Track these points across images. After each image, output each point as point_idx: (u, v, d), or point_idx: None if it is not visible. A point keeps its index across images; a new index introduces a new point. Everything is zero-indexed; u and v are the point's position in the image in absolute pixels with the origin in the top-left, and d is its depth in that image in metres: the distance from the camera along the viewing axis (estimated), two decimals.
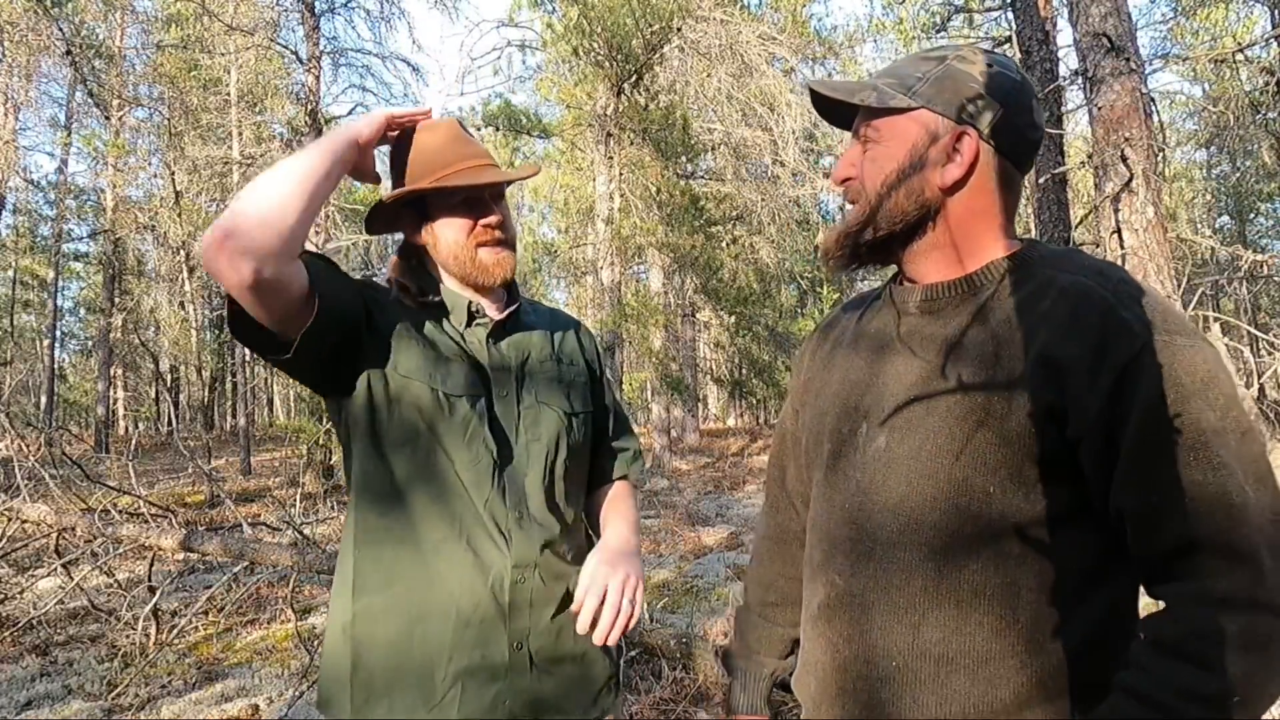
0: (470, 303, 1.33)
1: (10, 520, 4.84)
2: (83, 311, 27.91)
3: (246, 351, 23.39)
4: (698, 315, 17.76)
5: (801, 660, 1.08)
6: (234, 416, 26.62)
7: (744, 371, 15.50)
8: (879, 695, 0.93)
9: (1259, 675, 0.76)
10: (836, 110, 1.04)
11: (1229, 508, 0.78)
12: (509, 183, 1.34)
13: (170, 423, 20.51)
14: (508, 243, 1.33)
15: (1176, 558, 0.81)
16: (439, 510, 1.23)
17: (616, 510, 1.45)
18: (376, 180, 1.34)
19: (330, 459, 10.49)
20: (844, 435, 1.02)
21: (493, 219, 1.30)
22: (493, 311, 1.35)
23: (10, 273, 23.73)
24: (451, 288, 1.35)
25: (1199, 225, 24.38)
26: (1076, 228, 5.10)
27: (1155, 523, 0.82)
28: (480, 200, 1.30)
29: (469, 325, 1.33)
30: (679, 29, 11.52)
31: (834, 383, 1.07)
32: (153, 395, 25.82)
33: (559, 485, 1.33)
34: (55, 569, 4.82)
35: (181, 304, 19.20)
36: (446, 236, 1.30)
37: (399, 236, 1.40)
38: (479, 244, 1.30)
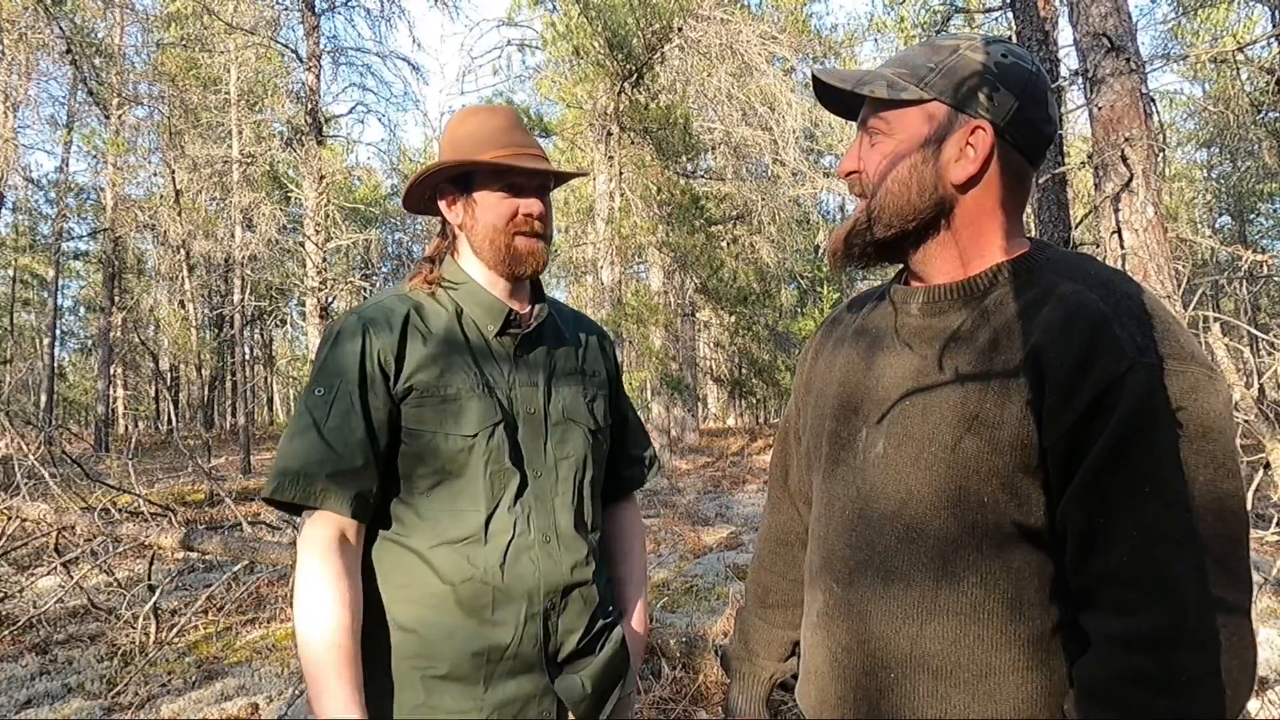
0: (510, 311, 1.30)
1: (10, 519, 4.84)
2: (82, 310, 27.96)
3: (246, 350, 23.40)
4: (698, 315, 17.76)
5: (802, 668, 1.06)
6: (234, 415, 26.64)
7: (744, 371, 15.51)
8: (878, 707, 0.91)
9: (1188, 712, 0.75)
10: (840, 99, 0.99)
11: (1171, 544, 0.76)
12: (561, 177, 1.32)
13: (170, 421, 20.52)
14: (545, 236, 1.31)
15: (1104, 585, 0.79)
16: (465, 544, 1.20)
17: (634, 575, 1.50)
18: None
19: None
20: (843, 439, 1.00)
21: (535, 208, 1.28)
22: (523, 315, 1.32)
23: (10, 271, 23.75)
24: (483, 282, 1.31)
25: (1199, 225, 24.39)
26: (1076, 228, 5.10)
27: (1094, 545, 0.80)
28: (527, 188, 1.28)
29: (500, 333, 1.29)
30: (679, 28, 11.51)
31: (834, 383, 1.05)
32: (152, 394, 25.82)
33: (586, 504, 1.31)
34: (55, 567, 4.82)
35: (181, 302, 19.22)
36: (486, 218, 1.27)
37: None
38: (517, 232, 1.28)
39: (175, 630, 4.39)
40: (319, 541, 1.15)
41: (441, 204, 1.33)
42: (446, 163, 1.27)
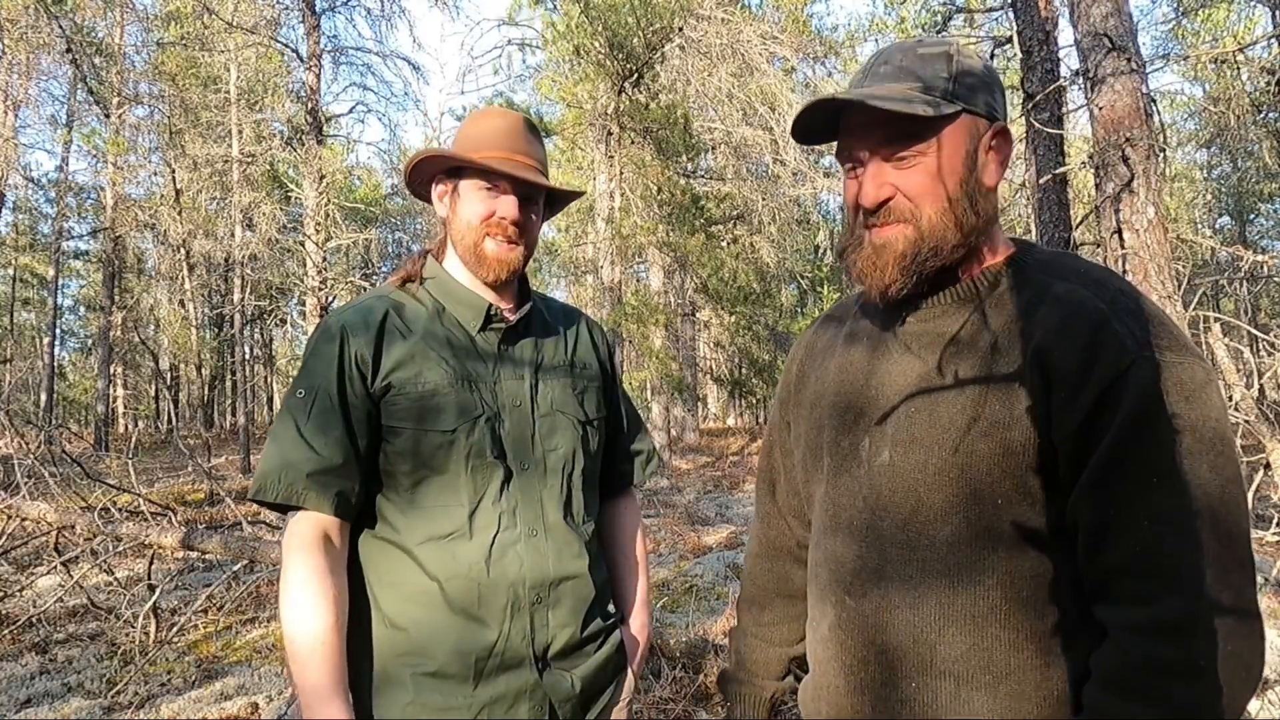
0: (490, 306, 1.30)
1: (10, 518, 4.84)
2: (82, 309, 27.94)
3: (246, 349, 23.38)
4: (698, 314, 17.76)
5: (814, 684, 1.04)
6: (234, 414, 26.64)
7: (744, 371, 15.49)
8: (899, 717, 0.91)
9: (1206, 700, 0.76)
10: (815, 128, 0.98)
11: (1182, 533, 0.77)
12: (543, 189, 1.31)
13: (170, 421, 20.51)
14: (520, 243, 1.30)
15: (1119, 577, 0.80)
16: (450, 539, 1.20)
17: (632, 572, 1.49)
18: None
19: None
20: (844, 448, 0.99)
21: (510, 214, 1.26)
22: (508, 312, 1.33)
23: (10, 270, 23.74)
24: (464, 281, 1.32)
25: (1199, 225, 24.39)
26: (1077, 228, 5.10)
27: (1106, 538, 0.81)
28: (506, 192, 1.28)
29: (483, 329, 1.30)
30: (680, 28, 11.51)
31: (829, 392, 1.04)
32: (152, 393, 25.82)
33: (576, 496, 1.31)
34: (55, 567, 4.82)
35: (181, 302, 19.20)
36: (463, 213, 1.29)
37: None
38: (488, 233, 1.27)
39: (175, 630, 4.39)
40: (302, 540, 1.16)
41: (435, 190, 1.35)
42: (434, 152, 1.29)
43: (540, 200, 1.34)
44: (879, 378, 0.97)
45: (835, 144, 0.98)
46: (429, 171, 1.34)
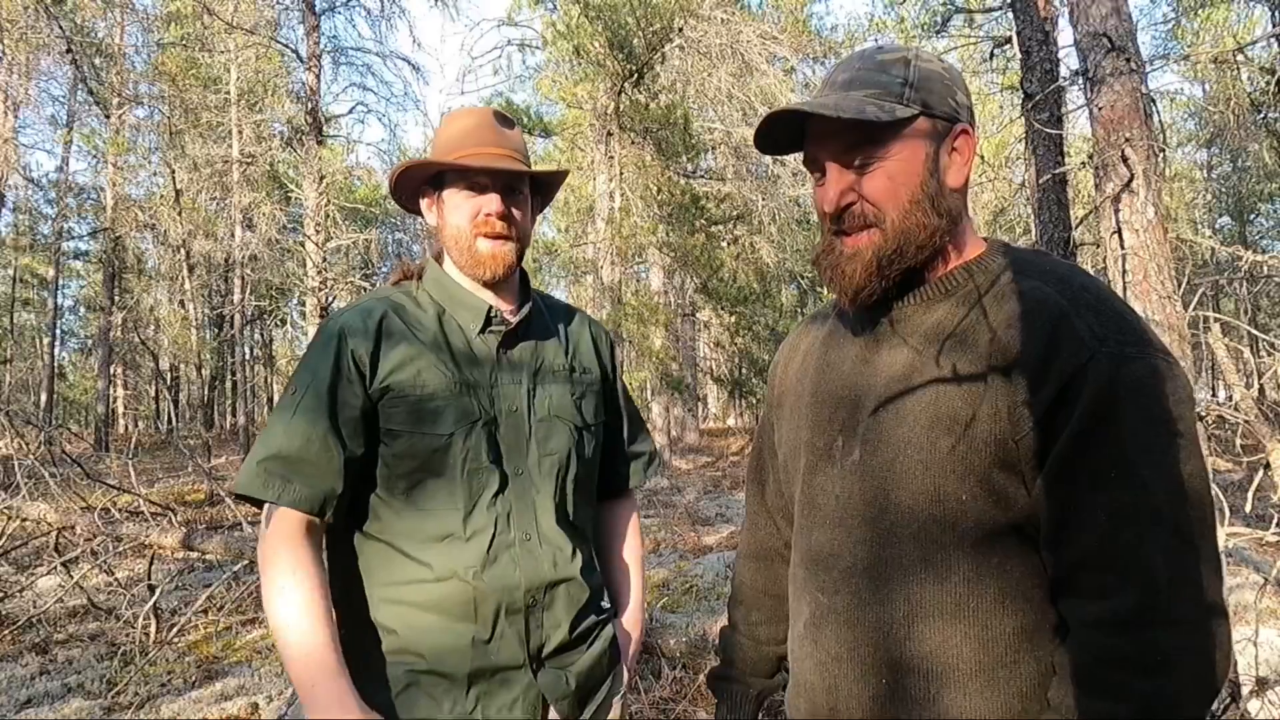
0: (490, 308, 1.30)
1: (10, 518, 4.84)
2: (83, 310, 27.93)
3: (246, 350, 23.41)
4: (698, 315, 17.75)
5: (792, 680, 1.06)
6: (234, 415, 26.65)
7: (744, 371, 15.50)
8: (871, 714, 0.92)
9: (1168, 691, 0.76)
10: (778, 138, 0.99)
11: (1138, 526, 0.78)
12: (523, 175, 1.30)
13: (170, 421, 20.50)
14: (512, 238, 1.29)
15: (1078, 571, 0.81)
16: (445, 542, 1.20)
17: (628, 570, 1.49)
18: None
19: None
20: (819, 448, 1.00)
21: (495, 208, 1.26)
22: (508, 314, 1.32)
23: (10, 271, 23.74)
24: (464, 284, 1.31)
25: (1199, 225, 24.38)
26: (1077, 228, 5.10)
27: (1066, 533, 0.82)
28: (490, 187, 1.27)
29: (482, 331, 1.30)
30: (680, 28, 11.52)
31: (806, 394, 1.05)
32: (153, 393, 25.82)
33: (571, 501, 1.31)
34: (55, 567, 4.82)
35: (181, 302, 19.22)
36: (451, 219, 1.29)
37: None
38: (479, 233, 1.27)
39: (175, 630, 4.39)
40: (281, 532, 1.16)
41: (423, 204, 1.36)
42: (408, 164, 1.30)
43: (525, 189, 1.32)
44: (852, 378, 0.98)
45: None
46: (411, 185, 1.34)
